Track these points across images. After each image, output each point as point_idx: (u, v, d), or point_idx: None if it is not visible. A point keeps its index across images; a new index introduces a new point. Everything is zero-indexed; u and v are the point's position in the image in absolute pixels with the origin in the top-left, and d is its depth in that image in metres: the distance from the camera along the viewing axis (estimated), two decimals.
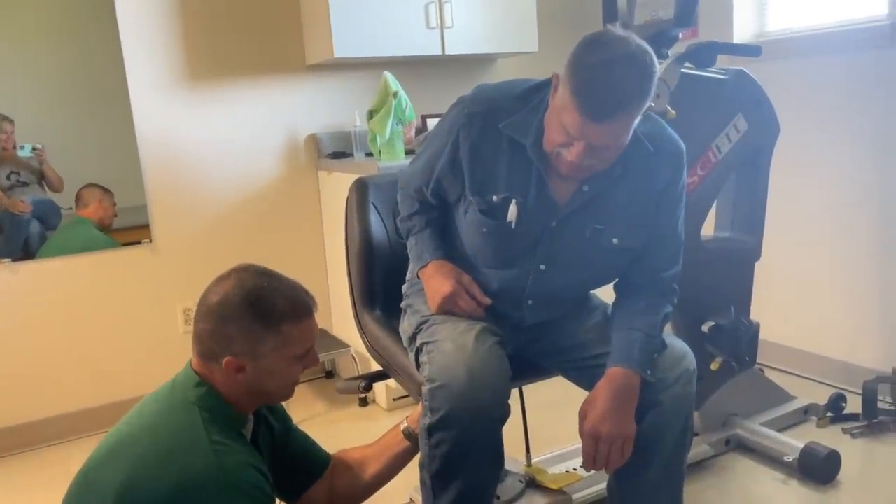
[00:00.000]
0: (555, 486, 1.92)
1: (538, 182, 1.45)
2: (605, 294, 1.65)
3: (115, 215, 2.71)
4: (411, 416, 1.50)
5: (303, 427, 1.50)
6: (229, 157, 2.90)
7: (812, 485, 2.04)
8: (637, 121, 1.34)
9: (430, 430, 1.38)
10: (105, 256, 2.73)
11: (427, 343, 1.46)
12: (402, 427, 1.49)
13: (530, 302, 1.54)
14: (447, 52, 2.94)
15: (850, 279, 2.62)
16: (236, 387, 1.22)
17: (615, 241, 1.46)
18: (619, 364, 1.41)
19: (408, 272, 1.73)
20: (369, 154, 2.91)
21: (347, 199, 1.94)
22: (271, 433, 1.39)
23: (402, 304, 1.68)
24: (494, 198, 1.46)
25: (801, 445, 2.08)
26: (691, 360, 1.48)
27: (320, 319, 3.21)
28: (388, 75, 2.61)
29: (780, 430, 2.27)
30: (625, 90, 1.26)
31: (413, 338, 1.55)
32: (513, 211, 1.45)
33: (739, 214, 2.25)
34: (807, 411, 2.43)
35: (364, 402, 2.82)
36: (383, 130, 2.58)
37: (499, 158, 1.46)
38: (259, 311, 1.18)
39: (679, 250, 1.53)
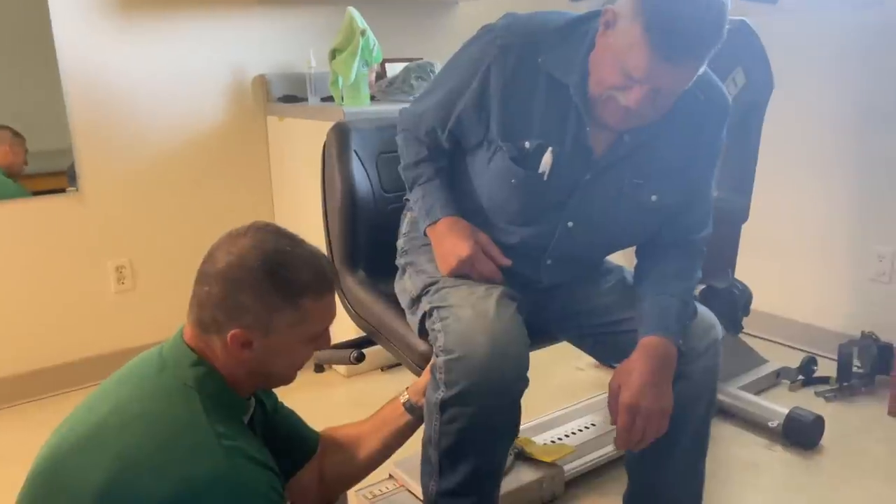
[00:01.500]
0: (547, 459, 1.81)
1: (577, 128, 1.28)
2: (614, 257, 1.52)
3: (26, 163, 2.37)
4: (412, 387, 1.34)
5: None
6: (167, 98, 2.58)
7: (796, 450, 2.02)
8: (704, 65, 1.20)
9: (444, 405, 1.22)
10: (20, 207, 2.39)
11: (439, 308, 1.29)
12: (402, 399, 1.33)
13: (549, 262, 1.40)
14: None
15: (819, 244, 2.61)
16: (238, 365, 1.03)
17: (654, 198, 1.33)
18: (655, 332, 1.28)
19: (403, 224, 1.55)
20: (326, 98, 2.66)
21: (325, 146, 1.73)
22: (264, 414, 1.20)
23: (400, 262, 1.50)
24: (527, 144, 1.29)
25: (785, 411, 2.05)
26: (719, 329, 1.38)
27: None
28: (353, 11, 2.36)
29: (755, 394, 2.24)
30: (705, 26, 1.12)
31: (418, 300, 1.38)
32: (547, 160, 1.29)
33: (729, 174, 2.16)
34: (779, 375, 2.42)
35: (320, 369, 2.63)
36: (348, 72, 2.34)
37: (534, 99, 1.28)
38: (279, 280, 1.00)
39: (711, 211, 1.41)
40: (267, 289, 1.00)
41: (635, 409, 1.24)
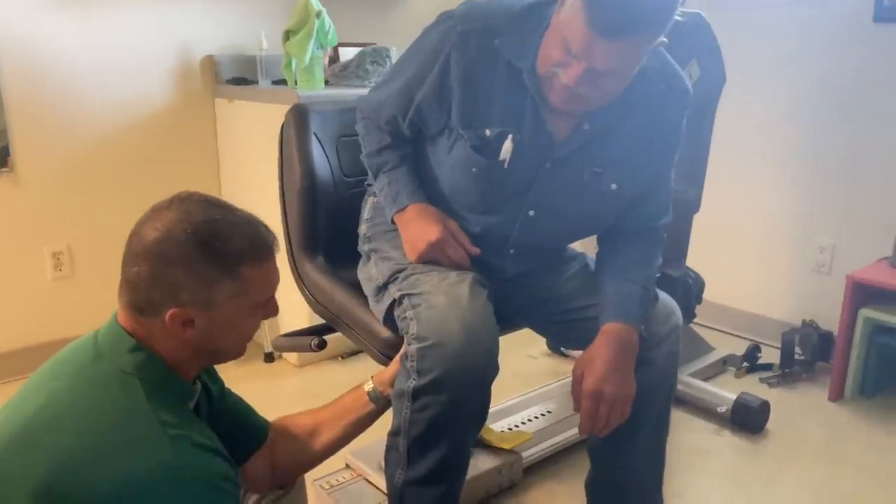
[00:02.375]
0: (506, 446, 1.81)
1: (534, 115, 1.28)
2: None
3: None
4: (378, 376, 1.31)
5: None
6: (110, 77, 2.47)
7: (743, 434, 2.08)
8: (647, 53, 1.20)
9: (417, 393, 1.20)
10: None
11: (410, 295, 1.27)
12: (367, 388, 1.30)
13: (512, 251, 1.39)
14: None
15: (764, 236, 2.69)
16: (181, 346, 0.97)
17: (614, 186, 1.33)
18: (617, 319, 1.29)
19: (365, 210, 1.52)
20: (278, 81, 2.60)
21: (283, 129, 1.69)
22: (209, 399, 1.14)
23: (364, 248, 1.47)
24: (487, 132, 1.28)
25: (733, 397, 2.10)
26: (679, 315, 1.40)
27: None
28: None
29: (704, 381, 2.29)
30: (644, 6, 1.11)
31: (384, 287, 1.35)
32: (507, 148, 1.28)
33: (681, 165, 2.18)
34: (725, 362, 2.49)
35: (270, 358, 2.57)
36: (302, 54, 2.28)
37: (494, 86, 1.27)
38: (213, 251, 0.95)
39: (670, 199, 1.43)
40: (200, 261, 0.94)
41: (599, 395, 1.25)
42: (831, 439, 2.07)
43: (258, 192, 2.58)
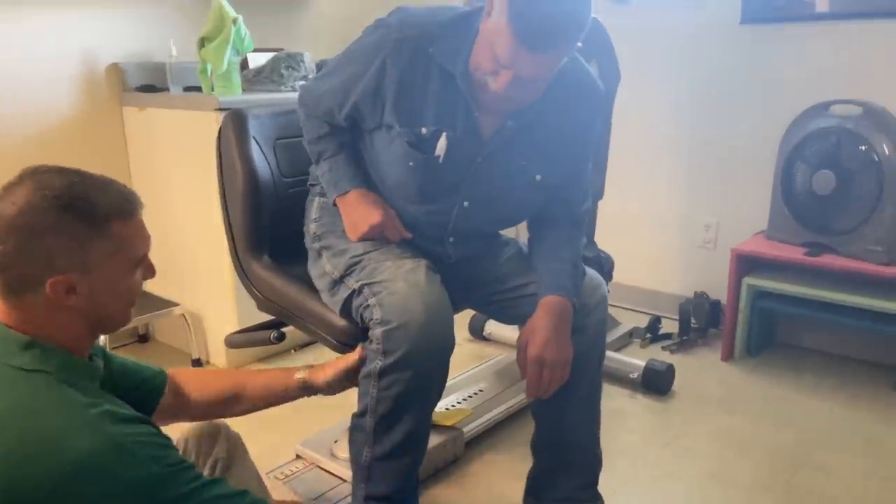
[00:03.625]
0: (449, 423, 1.94)
1: (466, 114, 1.40)
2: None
3: None
4: (314, 371, 1.34)
5: None
6: (7, 87, 2.39)
7: (654, 395, 2.31)
8: (567, 58, 1.35)
9: (384, 372, 1.31)
10: None
11: (369, 284, 1.37)
12: (298, 375, 1.33)
13: (451, 239, 1.52)
14: None
15: (656, 217, 2.96)
16: (69, 321, 0.96)
17: (538, 177, 1.47)
18: (553, 292, 1.44)
19: (313, 210, 1.60)
20: (189, 88, 2.60)
21: (221, 133, 1.73)
22: (106, 371, 1.12)
23: (315, 246, 1.55)
24: (423, 130, 1.39)
25: (642, 364, 2.33)
26: (605, 288, 1.57)
27: None
28: None
29: (615, 352, 2.52)
30: (564, 20, 1.24)
31: (340, 281, 1.45)
32: (442, 144, 1.40)
33: None
34: (631, 334, 2.73)
35: (198, 364, 2.57)
36: (219, 61, 2.31)
37: (428, 88, 1.39)
38: (80, 211, 0.93)
39: (589, 187, 1.60)
40: (70, 223, 0.92)
41: (541, 360, 1.40)
42: (727, 394, 2.34)
43: (176, 199, 2.58)
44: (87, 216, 0.94)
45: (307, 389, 1.34)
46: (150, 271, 1.06)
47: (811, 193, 2.37)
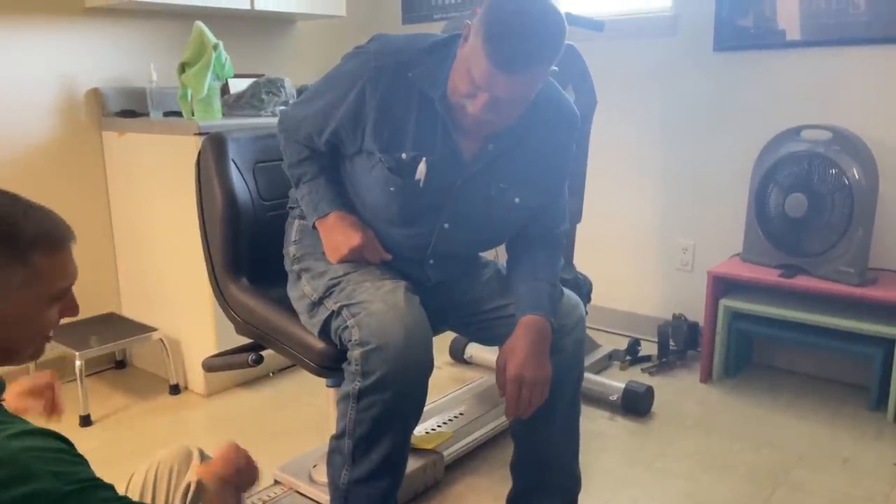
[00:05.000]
0: (429, 446, 1.93)
1: (445, 138, 1.42)
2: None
3: None
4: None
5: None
6: None
7: (633, 417, 2.31)
8: (542, 81, 1.38)
9: (362, 393, 1.31)
10: None
11: (348, 306, 1.37)
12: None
13: (432, 261, 1.53)
14: (256, 7, 2.73)
15: (634, 240, 2.99)
16: None
17: (517, 200, 1.49)
18: (532, 312, 1.45)
19: (293, 232, 1.60)
20: (168, 113, 2.61)
21: (200, 156, 1.73)
22: None
23: (294, 268, 1.55)
24: (404, 155, 1.41)
25: (622, 386, 2.34)
26: (583, 309, 1.59)
27: (107, 302, 2.81)
28: (201, 25, 2.35)
29: (595, 374, 2.53)
30: (538, 43, 1.27)
31: (319, 303, 1.45)
32: (422, 169, 1.42)
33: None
34: (611, 357, 2.75)
35: (176, 390, 2.54)
36: (200, 86, 2.32)
37: (407, 114, 1.41)
38: (2, 235, 0.91)
39: (566, 209, 1.62)
40: None
41: (521, 379, 1.40)
42: (706, 415, 2.35)
43: (154, 223, 2.57)
44: (8, 241, 0.91)
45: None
46: (71, 309, 1.01)
47: (784, 216, 2.41)
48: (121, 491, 0.89)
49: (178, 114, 2.52)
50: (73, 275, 0.99)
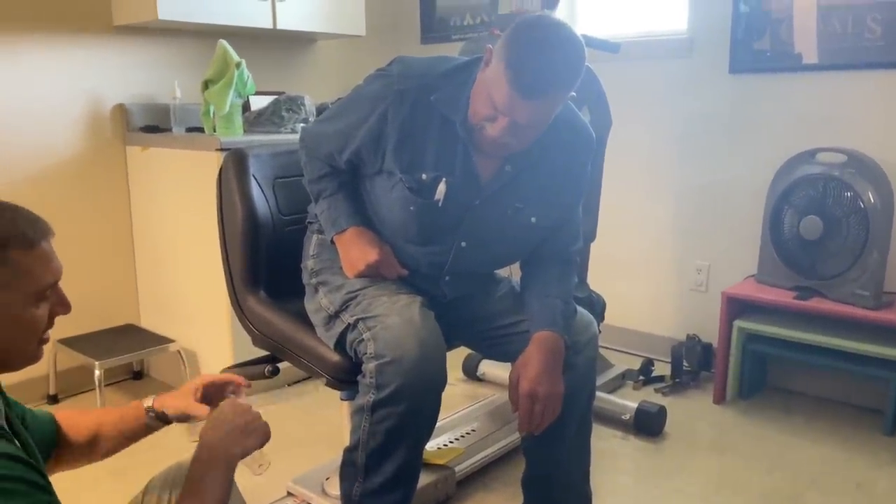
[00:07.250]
0: (441, 462, 1.94)
1: (464, 159, 1.45)
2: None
3: None
4: (163, 398, 1.23)
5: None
6: (14, 127, 2.45)
7: (646, 437, 2.31)
8: (561, 106, 1.40)
9: (376, 406, 1.33)
10: None
11: (364, 319, 1.40)
12: (146, 404, 1.23)
13: (448, 278, 1.55)
14: (278, 27, 2.80)
15: (649, 260, 3.00)
16: None
17: (533, 219, 1.52)
18: (545, 328, 1.47)
19: (311, 246, 1.64)
20: (191, 129, 2.66)
21: (222, 172, 1.78)
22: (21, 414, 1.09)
23: (312, 282, 1.58)
24: (424, 176, 1.44)
25: (634, 405, 2.34)
26: (595, 327, 1.60)
27: (126, 313, 2.85)
28: (225, 44, 2.41)
29: (608, 393, 2.53)
30: (558, 71, 1.30)
31: (336, 316, 1.47)
32: (441, 190, 1.44)
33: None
34: (624, 376, 2.75)
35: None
36: (222, 103, 2.38)
37: (428, 135, 1.44)
38: None
39: (580, 229, 1.64)
40: None
41: (534, 395, 1.42)
42: (719, 436, 2.35)
43: (174, 236, 2.62)
44: None
45: (160, 418, 1.22)
46: (61, 306, 1.00)
47: (799, 238, 2.41)
48: None
49: (201, 130, 2.58)
50: (56, 270, 0.97)
